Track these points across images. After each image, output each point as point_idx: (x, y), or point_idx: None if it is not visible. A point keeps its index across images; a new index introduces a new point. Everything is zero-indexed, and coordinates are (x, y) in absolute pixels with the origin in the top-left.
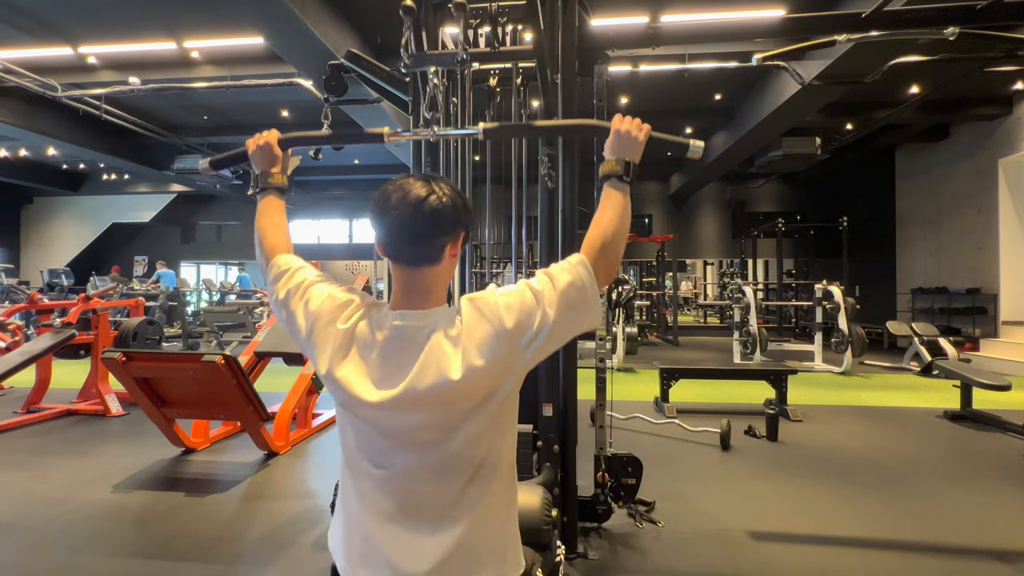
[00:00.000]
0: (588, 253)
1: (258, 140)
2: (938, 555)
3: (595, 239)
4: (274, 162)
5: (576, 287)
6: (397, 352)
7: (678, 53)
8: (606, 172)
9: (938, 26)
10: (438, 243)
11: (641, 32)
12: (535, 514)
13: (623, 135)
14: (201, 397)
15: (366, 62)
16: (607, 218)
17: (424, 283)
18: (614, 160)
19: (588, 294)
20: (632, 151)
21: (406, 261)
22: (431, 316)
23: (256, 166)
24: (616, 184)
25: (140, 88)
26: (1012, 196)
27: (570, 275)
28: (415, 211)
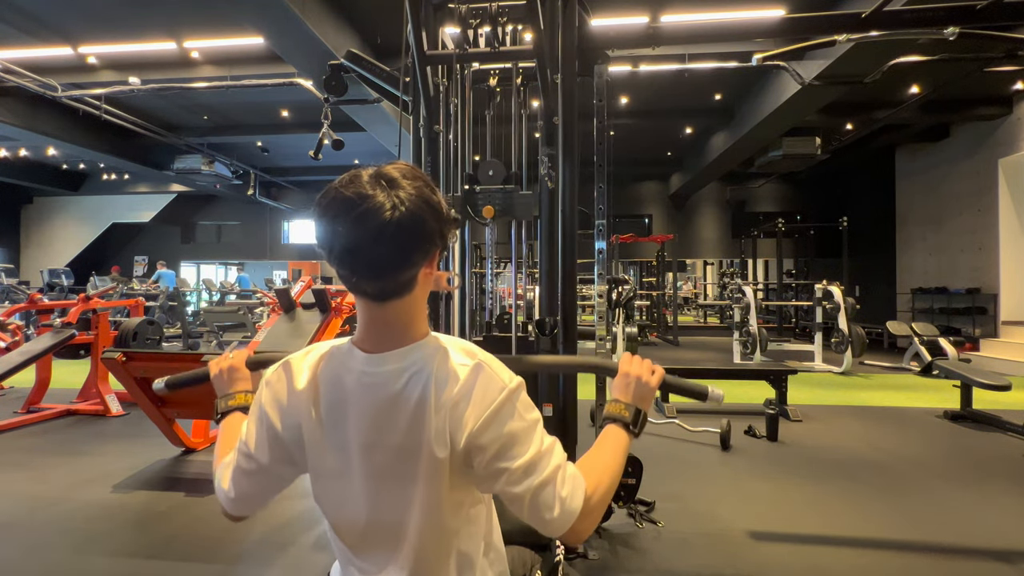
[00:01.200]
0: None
1: (221, 363)
2: (938, 555)
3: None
4: (236, 383)
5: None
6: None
7: (678, 53)
8: (612, 415)
9: (938, 26)
10: (408, 275)
11: (641, 32)
12: None
13: (633, 380)
14: (201, 397)
15: (366, 62)
16: (604, 470)
17: (396, 318)
18: (623, 405)
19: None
20: (644, 399)
21: (369, 297)
22: (412, 355)
23: (217, 390)
24: (622, 430)
25: (140, 88)
26: (1012, 196)
27: (571, 487)
28: (374, 235)
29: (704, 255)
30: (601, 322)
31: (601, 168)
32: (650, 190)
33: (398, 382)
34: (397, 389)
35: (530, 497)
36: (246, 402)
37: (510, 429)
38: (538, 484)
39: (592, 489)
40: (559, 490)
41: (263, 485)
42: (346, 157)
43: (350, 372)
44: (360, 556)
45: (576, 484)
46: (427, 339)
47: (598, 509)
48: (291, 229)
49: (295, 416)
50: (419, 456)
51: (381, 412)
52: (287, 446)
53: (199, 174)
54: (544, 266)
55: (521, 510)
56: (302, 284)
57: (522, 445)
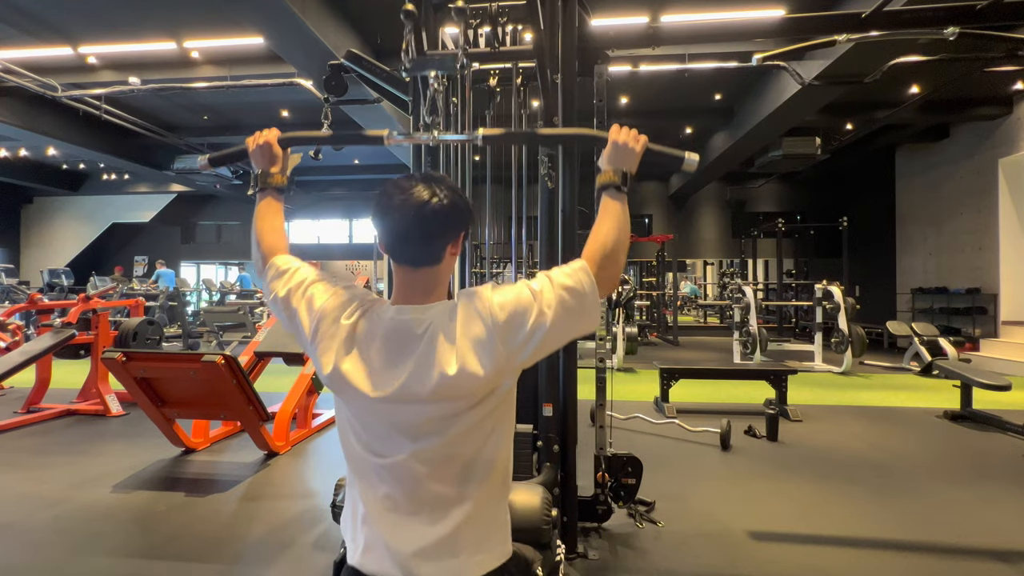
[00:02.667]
0: (589, 261)
1: (258, 139)
2: (938, 555)
3: (595, 250)
4: (274, 161)
5: (575, 291)
6: (397, 345)
7: (678, 53)
8: (603, 182)
9: (938, 26)
10: (439, 244)
11: (641, 32)
12: (535, 514)
13: (620, 146)
14: (201, 397)
15: (366, 62)
16: (606, 228)
17: (425, 282)
18: (611, 170)
19: (587, 299)
20: (628, 162)
21: (407, 261)
22: (431, 310)
23: (256, 165)
24: (613, 194)
25: (140, 88)
26: (1012, 196)
27: (570, 279)
28: (417, 214)
29: (704, 255)
30: (601, 322)
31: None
32: (650, 190)
33: (419, 328)
34: (418, 333)
35: (562, 315)
36: (279, 183)
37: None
38: (556, 305)
39: (599, 246)
40: (569, 287)
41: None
42: (346, 157)
43: (382, 320)
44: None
45: (572, 270)
46: (445, 300)
47: (613, 256)
48: (291, 229)
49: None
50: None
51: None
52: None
53: (199, 174)
54: (544, 266)
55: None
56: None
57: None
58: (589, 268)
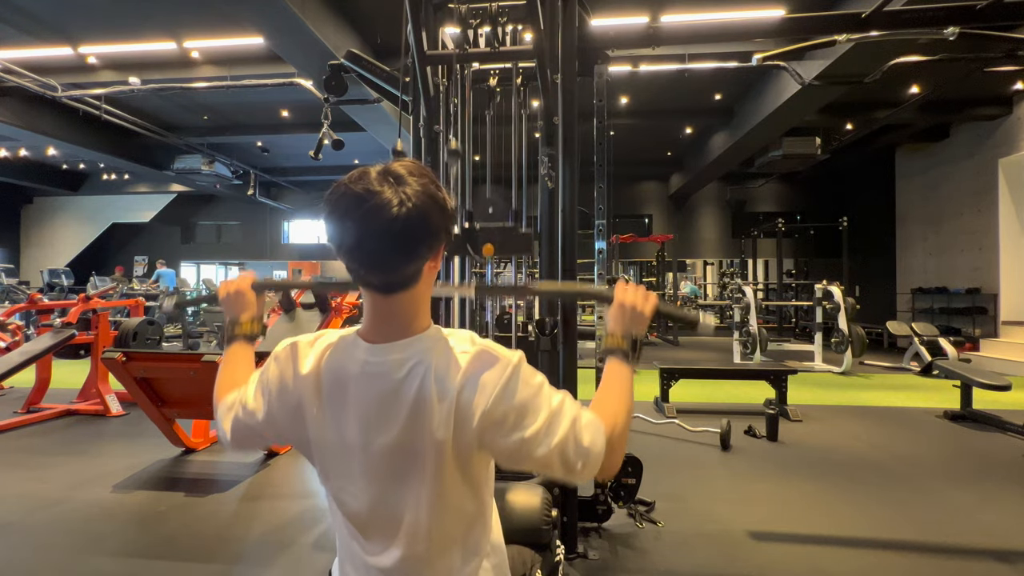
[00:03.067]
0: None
1: (229, 287)
2: (938, 555)
3: (606, 427)
4: (245, 308)
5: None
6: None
7: (678, 53)
8: (611, 347)
9: (938, 26)
10: (413, 267)
11: (641, 32)
12: (535, 514)
13: (628, 309)
14: (201, 397)
15: (366, 62)
16: (615, 405)
17: (401, 310)
18: (619, 335)
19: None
20: (637, 326)
21: (375, 289)
22: (414, 346)
23: (226, 313)
24: (622, 360)
25: (140, 88)
26: (1012, 196)
27: (587, 437)
28: (381, 230)
29: (704, 255)
30: (601, 322)
31: (601, 168)
32: (650, 190)
33: (400, 371)
34: (399, 378)
35: (556, 456)
36: (251, 331)
37: (520, 399)
38: (559, 442)
39: (610, 426)
40: (581, 441)
41: (256, 440)
42: (346, 157)
43: (354, 361)
44: (363, 536)
45: (595, 428)
46: (429, 331)
47: (620, 441)
48: (291, 229)
49: (296, 397)
50: (420, 443)
51: (383, 400)
52: (281, 422)
53: (199, 174)
54: (544, 266)
55: (551, 469)
56: None
57: (534, 411)
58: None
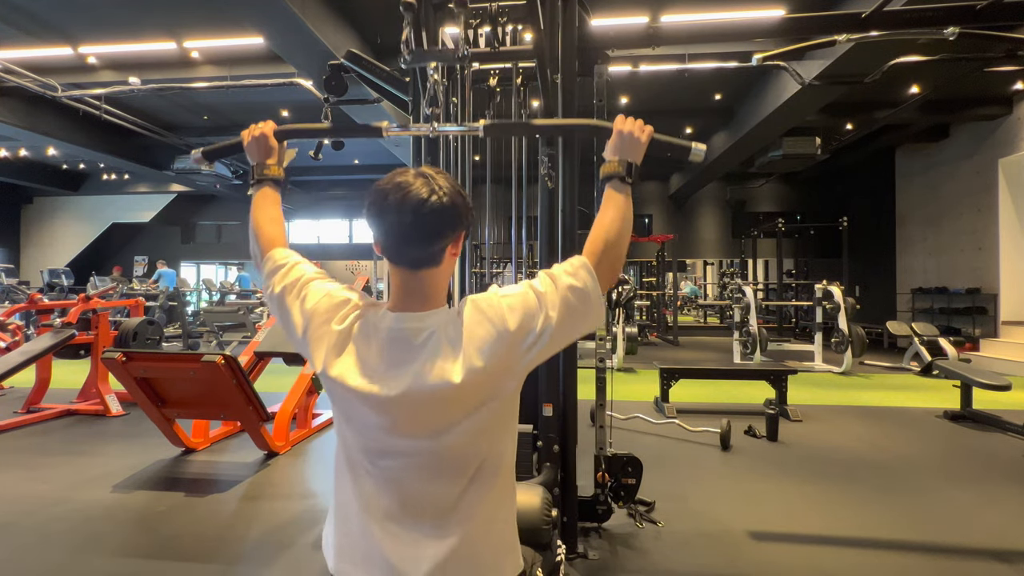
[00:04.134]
0: (590, 255)
1: (253, 131)
2: (938, 555)
3: (597, 241)
4: (270, 153)
5: (578, 289)
6: (396, 354)
7: (678, 53)
8: (607, 173)
9: (938, 26)
10: (439, 246)
11: (641, 32)
12: (535, 514)
13: (625, 136)
14: (201, 397)
15: (366, 62)
16: (608, 219)
17: (424, 285)
18: (616, 161)
19: (591, 296)
20: (634, 152)
21: (406, 264)
22: (431, 318)
23: (251, 157)
24: (617, 185)
25: (140, 88)
26: (1012, 196)
27: (572, 277)
28: (415, 214)
29: (704, 255)
30: (603, 323)
31: None
32: (650, 190)
33: (419, 337)
34: (418, 343)
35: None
36: (274, 174)
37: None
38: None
39: (601, 240)
40: (574, 287)
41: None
42: (346, 157)
43: (379, 328)
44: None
45: (573, 268)
46: (445, 307)
47: (615, 249)
48: (291, 229)
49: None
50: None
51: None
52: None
53: (199, 174)
54: (544, 266)
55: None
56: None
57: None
58: (590, 264)
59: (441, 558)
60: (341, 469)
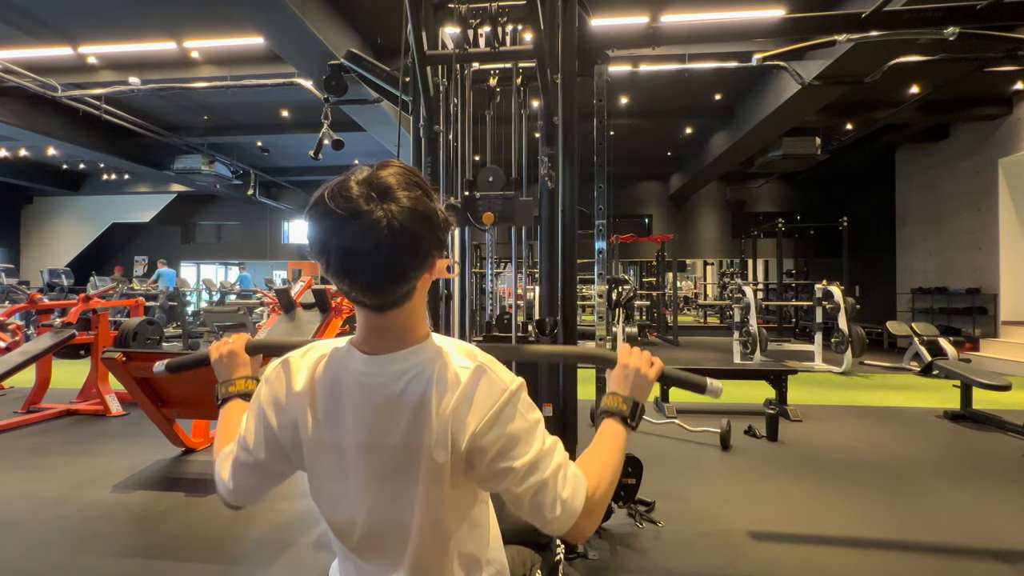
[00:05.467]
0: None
1: (221, 348)
2: (938, 555)
3: (589, 487)
4: (236, 369)
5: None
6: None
7: (678, 53)
8: (610, 408)
9: (938, 26)
10: (407, 286)
11: (641, 32)
12: None
13: (631, 372)
14: (201, 397)
15: (366, 62)
16: (604, 465)
17: (396, 325)
18: (620, 398)
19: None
20: (641, 391)
21: (369, 308)
22: (412, 357)
23: (218, 374)
24: (620, 424)
25: (140, 88)
26: (1012, 196)
27: (568, 489)
28: (369, 255)
29: (704, 255)
30: (601, 322)
31: (601, 168)
32: (650, 190)
33: (398, 384)
34: (397, 391)
35: (531, 497)
36: (245, 388)
37: (512, 430)
38: (539, 484)
39: (593, 487)
40: (560, 491)
41: (260, 479)
42: (346, 157)
43: (349, 373)
44: (359, 556)
45: (578, 484)
46: (427, 342)
47: (600, 506)
48: (291, 229)
49: (292, 416)
50: (419, 458)
51: (380, 413)
52: (283, 445)
53: (199, 174)
54: (544, 266)
55: (522, 509)
56: (302, 284)
57: (524, 445)
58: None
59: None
60: None
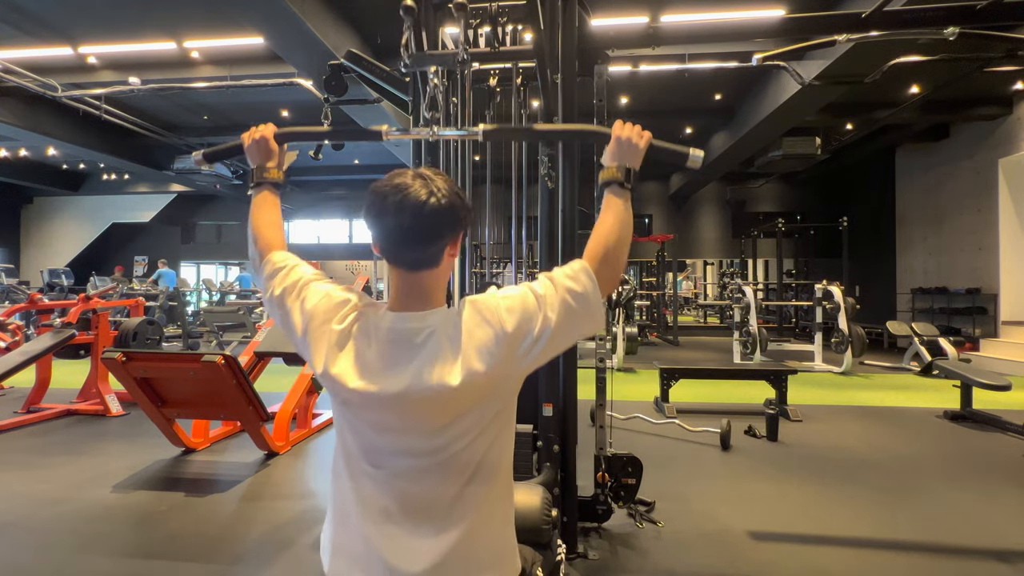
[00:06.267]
0: (591, 259)
1: (254, 134)
2: (938, 555)
3: (597, 246)
4: (270, 156)
5: (578, 294)
6: (395, 354)
7: (678, 53)
8: (606, 179)
9: (938, 26)
10: (438, 247)
11: (641, 32)
12: (535, 514)
13: (623, 142)
14: (201, 397)
15: (366, 62)
16: (608, 224)
17: (423, 286)
18: (615, 167)
19: (591, 300)
20: (632, 158)
21: (405, 265)
22: (430, 318)
23: (251, 160)
24: (617, 191)
25: (140, 88)
26: (1012, 196)
27: (572, 280)
28: (414, 216)
29: (704, 255)
30: (603, 326)
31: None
32: (650, 190)
33: (418, 337)
34: (417, 342)
35: (566, 317)
36: (276, 177)
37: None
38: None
39: (601, 246)
40: (574, 291)
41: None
42: (346, 157)
43: (379, 327)
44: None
45: (574, 272)
46: (442, 307)
47: (615, 255)
48: (291, 229)
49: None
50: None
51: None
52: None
53: (199, 174)
54: (544, 266)
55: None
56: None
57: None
58: (590, 268)
59: (438, 557)
60: (339, 470)
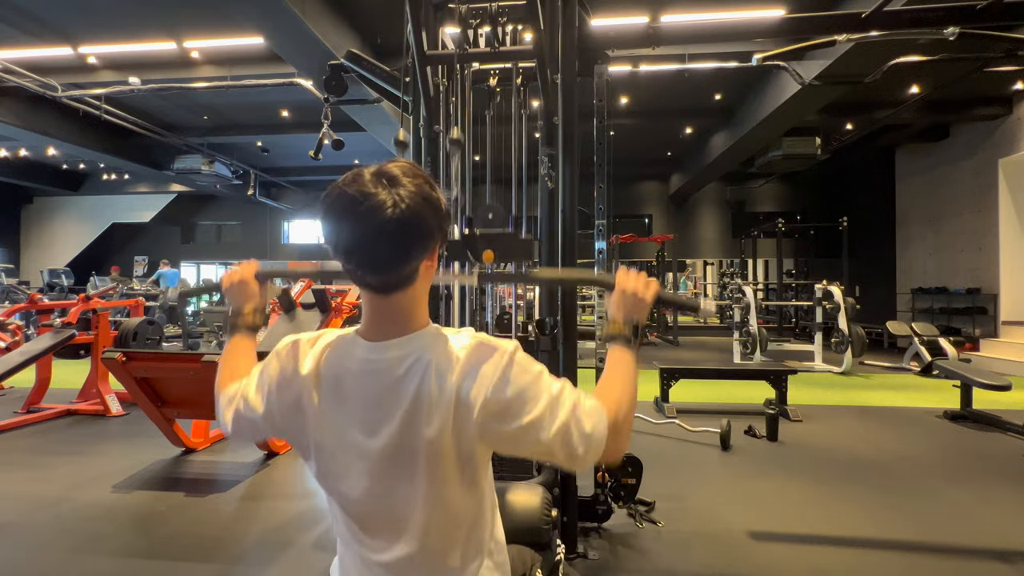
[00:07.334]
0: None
1: (233, 276)
2: (938, 555)
3: (610, 409)
4: (248, 299)
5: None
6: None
7: (678, 53)
8: (613, 334)
9: (938, 26)
10: (409, 267)
11: (641, 32)
12: (535, 514)
13: (629, 296)
14: (201, 397)
15: (366, 62)
16: (619, 390)
17: (398, 309)
18: (621, 321)
19: (582, 454)
20: (639, 312)
21: (373, 289)
22: (413, 343)
23: (231, 301)
24: (624, 346)
25: (140, 88)
26: (1012, 196)
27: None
28: (376, 232)
29: (704, 255)
30: (601, 322)
31: (601, 168)
32: (650, 190)
33: (399, 368)
34: (399, 375)
35: (558, 442)
36: (253, 322)
37: (518, 387)
38: (561, 428)
39: (614, 411)
40: (583, 426)
41: (257, 433)
42: (346, 157)
43: (353, 359)
44: (364, 532)
45: (597, 415)
46: (427, 328)
47: (625, 424)
48: (291, 229)
49: (295, 394)
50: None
51: (382, 397)
52: (280, 418)
53: (199, 174)
54: (544, 266)
55: (554, 456)
56: (302, 284)
57: (534, 399)
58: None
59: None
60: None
